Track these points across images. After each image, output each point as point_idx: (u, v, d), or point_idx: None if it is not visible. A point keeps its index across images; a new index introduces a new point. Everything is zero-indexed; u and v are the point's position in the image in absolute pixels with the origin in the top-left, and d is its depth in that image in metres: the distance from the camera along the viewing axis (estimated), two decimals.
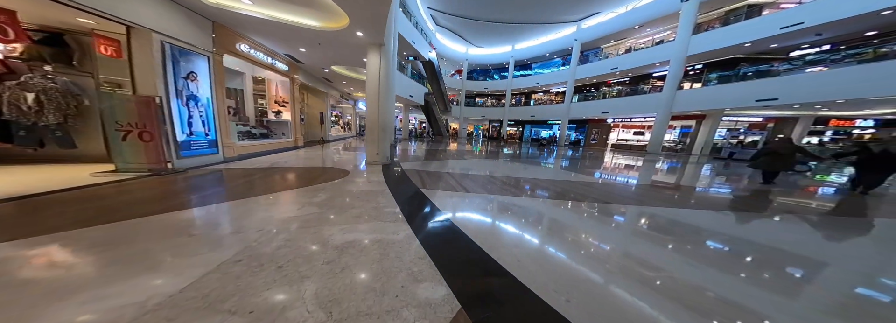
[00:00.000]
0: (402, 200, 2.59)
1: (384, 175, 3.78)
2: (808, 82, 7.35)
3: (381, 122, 4.44)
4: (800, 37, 8.04)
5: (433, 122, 19.59)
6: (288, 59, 6.08)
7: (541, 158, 7.97)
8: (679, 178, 5.10)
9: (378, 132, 4.46)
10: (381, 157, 4.61)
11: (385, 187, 3.07)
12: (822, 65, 7.66)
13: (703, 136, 11.68)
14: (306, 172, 3.89)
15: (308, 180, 3.32)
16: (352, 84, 10.55)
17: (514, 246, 1.73)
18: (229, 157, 4.40)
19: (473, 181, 3.71)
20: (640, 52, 12.74)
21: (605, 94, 15.43)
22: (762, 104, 8.08)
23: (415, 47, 12.55)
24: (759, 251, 1.86)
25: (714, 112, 10.90)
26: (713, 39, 9.61)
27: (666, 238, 2.08)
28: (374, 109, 4.39)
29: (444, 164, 5.40)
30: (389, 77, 4.45)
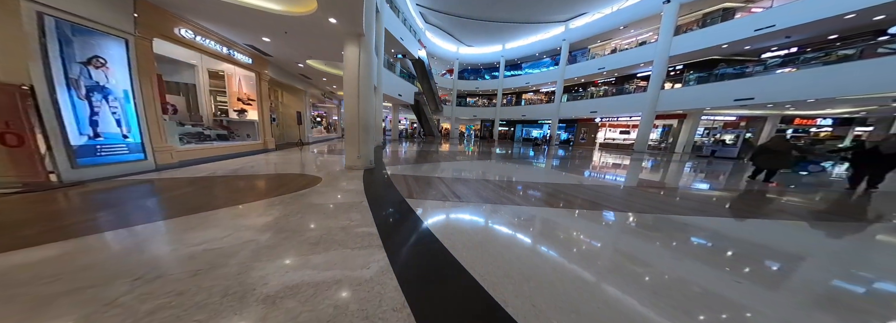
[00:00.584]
0: (381, 216, 2.15)
1: (364, 182, 3.35)
2: (779, 82, 7.72)
3: (362, 121, 4.04)
4: (771, 39, 8.46)
5: (424, 122, 19.26)
6: (252, 50, 5.39)
7: (536, 159, 7.81)
8: (694, 179, 4.89)
9: (358, 133, 4.05)
10: (362, 161, 4.22)
11: (362, 198, 2.64)
12: (791, 66, 8.08)
13: (684, 134, 12.12)
14: (267, 180, 3.30)
15: (264, 192, 2.73)
16: (334, 81, 9.96)
17: (525, 282, 1.28)
18: (165, 164, 3.69)
19: (468, 187, 3.36)
20: (625, 53, 13.04)
21: (593, 94, 15.73)
22: (739, 103, 8.43)
23: (403, 44, 12.20)
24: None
25: (694, 111, 11.32)
26: (693, 40, 9.95)
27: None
28: (354, 107, 4.01)
29: (434, 166, 5.05)
30: (371, 71, 4.13)
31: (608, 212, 2.60)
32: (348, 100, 4.02)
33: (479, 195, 3.04)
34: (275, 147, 6.67)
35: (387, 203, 2.59)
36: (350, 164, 4.27)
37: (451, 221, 2.19)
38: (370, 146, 4.38)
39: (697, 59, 11.26)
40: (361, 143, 4.18)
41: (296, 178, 3.53)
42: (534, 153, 9.53)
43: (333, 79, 9.31)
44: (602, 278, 1.37)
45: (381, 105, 9.65)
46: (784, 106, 8.61)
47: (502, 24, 17.36)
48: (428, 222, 2.11)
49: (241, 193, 2.75)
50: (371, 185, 3.30)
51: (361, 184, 3.32)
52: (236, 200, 2.48)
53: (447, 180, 3.79)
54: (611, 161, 7.70)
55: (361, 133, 4.13)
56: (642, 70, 13.65)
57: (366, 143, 4.24)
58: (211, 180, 3.23)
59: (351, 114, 4.06)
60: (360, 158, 4.21)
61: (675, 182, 4.50)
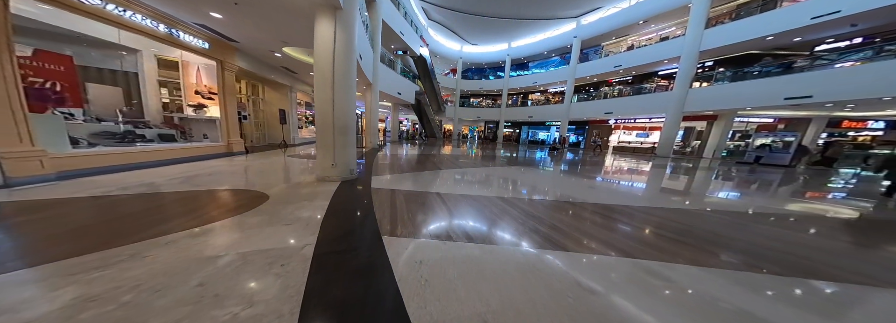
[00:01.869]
0: (324, 285, 1.14)
1: (330, 205, 2.31)
2: (844, 78, 6.52)
3: (339, 120, 3.02)
4: (831, 28, 7.26)
5: (426, 123, 18.29)
6: (208, 33, 4.28)
7: (559, 164, 6.66)
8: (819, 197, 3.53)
9: (333, 135, 3.03)
10: (339, 171, 3.21)
11: (309, 239, 1.59)
12: (856, 59, 6.88)
13: (714, 137, 10.89)
14: (179, 202, 2.22)
15: (134, 228, 1.64)
16: None
17: None
18: (28, 177, 2.48)
19: (481, 210, 2.33)
20: (647, 48, 11.92)
21: (606, 94, 14.60)
22: (791, 102, 7.24)
23: (404, 40, 11.28)
24: None
25: (728, 112, 10.12)
26: (730, 33, 8.81)
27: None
28: (326, 101, 2.94)
29: (434, 176, 4.08)
30: (351, 56, 3.09)
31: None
32: (319, 92, 2.98)
33: (504, 227, 1.94)
34: (246, 149, 5.61)
35: (347, 250, 1.51)
36: (322, 174, 3.24)
37: (460, 296, 1.09)
38: (350, 151, 3.34)
39: (731, 55, 10.10)
40: (338, 148, 3.14)
41: (229, 197, 2.46)
42: (549, 157, 8.38)
43: None
44: None
45: (376, 103, 8.66)
46: (845, 106, 7.38)
47: (509, 21, 16.42)
48: (413, 298, 1.06)
49: (87, 232, 1.60)
50: (338, 210, 2.22)
51: (324, 208, 2.25)
52: (54, 249, 1.37)
53: (450, 199, 2.73)
54: (652, 169, 6.42)
55: (337, 135, 3.09)
56: (665, 67, 12.51)
57: (344, 147, 3.21)
58: (74, 206, 2.03)
59: (323, 110, 3.02)
60: (336, 167, 3.19)
61: (795, 206, 3.07)
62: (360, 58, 6.36)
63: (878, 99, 6.18)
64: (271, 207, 2.19)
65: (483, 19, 16.46)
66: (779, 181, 5.13)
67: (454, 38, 20.59)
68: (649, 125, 15.32)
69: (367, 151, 7.49)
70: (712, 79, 9.82)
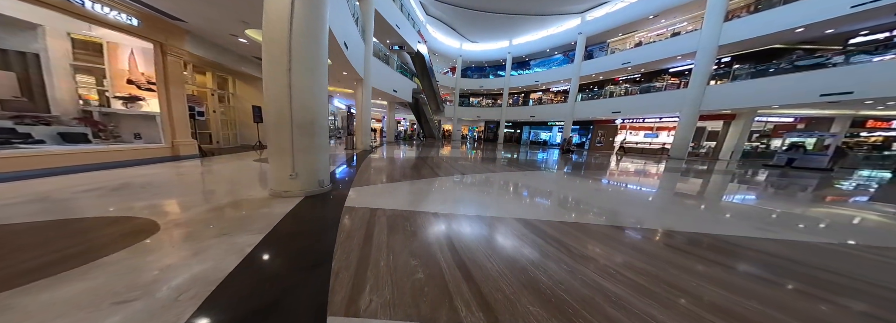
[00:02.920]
0: None
1: (265, 239, 1.50)
2: (890, 72, 5.82)
3: (298, 114, 2.19)
4: (871, 18, 6.58)
5: (424, 123, 17.53)
6: (138, 8, 3.32)
7: (578, 169, 5.80)
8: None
9: (290, 135, 2.19)
10: (301, 183, 2.35)
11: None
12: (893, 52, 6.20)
13: (732, 138, 10.21)
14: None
15: None
16: None
17: None
18: None
19: (502, 245, 1.58)
20: (660, 44, 11.25)
21: (612, 93, 13.92)
22: (829, 99, 6.53)
23: (400, 34, 10.51)
24: None
25: (747, 111, 9.45)
26: (755, 25, 8.12)
27: None
28: (279, 89, 2.11)
29: (430, 186, 3.22)
30: (318, 26, 2.23)
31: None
32: (270, 77, 2.13)
33: (548, 283, 1.16)
34: (203, 152, 4.62)
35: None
36: (277, 187, 2.36)
37: None
38: (319, 157, 2.50)
39: (751, 50, 9.45)
40: (299, 154, 2.31)
41: (85, 230, 1.53)
42: (562, 161, 7.43)
43: None
44: None
45: (368, 100, 7.84)
46: (885, 102, 6.69)
47: (510, 17, 15.75)
48: None
49: None
50: (270, 253, 1.36)
51: (245, 250, 1.36)
52: None
53: (453, 224, 1.91)
54: (692, 175, 5.43)
55: (298, 136, 2.25)
56: (676, 64, 11.86)
57: (309, 152, 2.38)
58: None
59: (274, 102, 2.17)
60: (296, 178, 2.33)
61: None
62: (346, 46, 5.55)
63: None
64: (137, 255, 1.27)
65: (483, 15, 15.77)
66: (877, 191, 4.22)
67: (453, 35, 19.90)
68: (657, 125, 14.68)
69: (358, 154, 6.67)
70: (731, 75, 9.14)
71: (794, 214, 2.68)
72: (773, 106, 7.90)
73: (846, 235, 2.12)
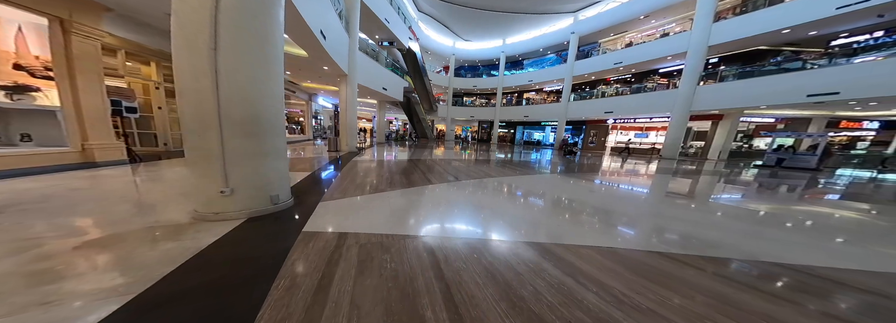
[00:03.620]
0: None
1: (143, 300, 0.93)
2: (874, 73, 5.95)
3: (233, 105, 1.65)
4: (855, 19, 6.75)
5: (416, 122, 17.03)
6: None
7: (586, 171, 5.40)
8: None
9: (219, 137, 1.63)
10: (244, 200, 1.79)
11: None
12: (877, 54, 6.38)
13: (720, 138, 10.40)
14: None
15: None
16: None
17: None
18: None
19: (517, 289, 1.06)
20: (651, 44, 11.32)
21: (603, 93, 13.99)
22: (815, 99, 6.65)
23: (390, 29, 10.00)
24: None
25: (734, 112, 9.62)
26: (743, 26, 8.23)
27: None
28: (198, 70, 1.54)
29: (420, 197, 2.71)
30: (269, 5, 1.78)
31: None
32: (181, 57, 1.56)
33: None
34: (134, 157, 3.84)
35: None
36: (204, 208, 1.75)
37: None
38: (269, 164, 1.91)
39: (738, 51, 9.63)
40: (237, 160, 1.71)
41: None
42: (564, 163, 6.92)
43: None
44: None
45: (354, 98, 7.31)
46: (867, 103, 6.87)
47: (503, 15, 15.52)
48: None
49: None
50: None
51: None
52: None
53: (448, 252, 1.43)
54: (712, 177, 5.15)
55: (230, 138, 1.67)
56: (666, 65, 12.00)
57: (254, 157, 1.80)
58: None
59: (191, 90, 1.59)
60: (231, 195, 1.73)
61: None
62: (323, 36, 5.02)
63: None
64: None
65: (476, 12, 15.46)
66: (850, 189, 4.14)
67: (447, 33, 19.50)
68: (647, 125, 14.90)
69: (342, 156, 6.11)
70: (718, 76, 9.26)
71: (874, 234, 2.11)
72: (762, 106, 8.03)
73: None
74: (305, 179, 3.42)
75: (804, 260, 1.54)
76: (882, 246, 1.91)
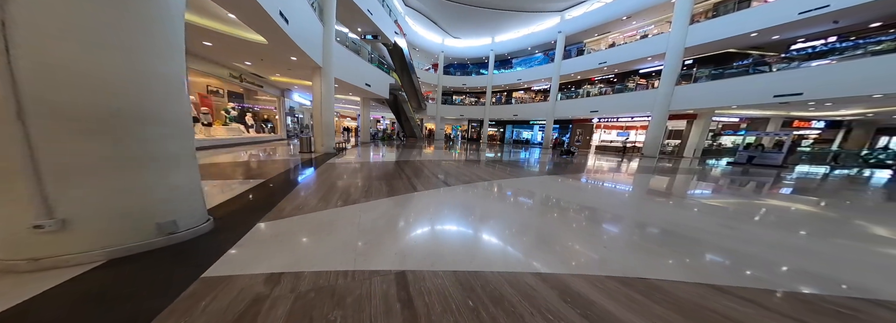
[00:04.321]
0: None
1: None
2: (833, 76, 6.42)
3: (58, 88, 1.06)
4: (813, 25, 7.28)
5: (404, 121, 16.52)
6: None
7: (595, 173, 5.01)
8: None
9: (22, 134, 1.01)
10: (95, 235, 1.19)
11: None
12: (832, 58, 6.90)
13: (694, 136, 10.95)
14: None
15: None
16: (237, 48, 5.69)
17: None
18: None
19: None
20: (633, 45, 11.65)
21: (589, 93, 14.34)
22: (781, 100, 7.08)
23: (373, 21, 9.43)
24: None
25: (707, 111, 10.14)
26: (716, 29, 8.64)
27: None
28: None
29: (398, 209, 2.28)
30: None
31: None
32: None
33: None
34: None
35: None
36: (6, 253, 1.09)
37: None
38: (161, 178, 1.39)
39: (710, 53, 10.13)
40: (76, 171, 1.14)
41: None
42: (564, 164, 6.36)
43: (231, 43, 5.41)
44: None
45: (330, 93, 6.72)
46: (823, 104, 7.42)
47: (492, 13, 15.37)
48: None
49: None
50: None
51: None
52: None
53: (433, 298, 1.00)
54: (718, 178, 4.98)
55: (52, 137, 1.09)
56: (646, 66, 12.44)
57: (121, 168, 1.24)
58: None
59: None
60: (59, 229, 1.10)
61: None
62: (285, 19, 4.46)
63: (868, 96, 6.11)
64: None
65: (465, 9, 15.17)
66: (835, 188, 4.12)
67: (435, 29, 19.04)
68: (627, 124, 15.49)
69: (316, 158, 5.45)
70: (693, 77, 9.71)
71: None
72: (733, 106, 8.47)
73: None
74: (250, 190, 2.71)
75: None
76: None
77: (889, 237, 2.17)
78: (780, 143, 7.48)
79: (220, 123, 8.18)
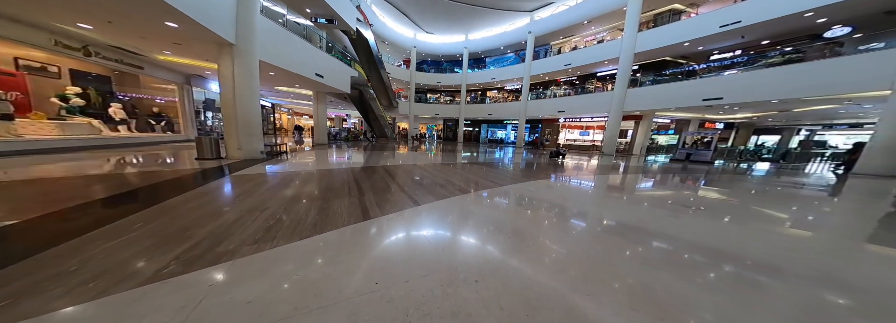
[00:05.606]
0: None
1: None
2: (748, 82, 7.50)
3: None
4: (728, 39, 8.45)
5: (372, 120, 15.33)
6: None
7: (603, 172, 4.85)
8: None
9: None
10: None
11: None
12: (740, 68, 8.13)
13: (640, 136, 12.15)
14: None
15: None
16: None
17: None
18: None
19: None
20: (592, 48, 12.41)
21: (556, 94, 15.06)
22: (707, 103, 8.08)
23: (326, 1, 8.25)
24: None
25: (649, 113, 11.29)
26: (659, 37, 9.55)
27: None
28: None
29: (326, 255, 1.36)
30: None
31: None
32: None
33: None
34: None
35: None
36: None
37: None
38: None
39: (651, 60, 11.25)
40: None
41: None
42: (555, 166, 6.04)
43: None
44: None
45: (250, 80, 5.16)
46: (735, 106, 8.69)
47: (464, 8, 15.06)
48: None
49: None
50: None
51: None
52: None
53: None
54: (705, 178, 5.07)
55: None
56: (603, 69, 13.40)
57: None
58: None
59: None
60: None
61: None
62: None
63: (768, 101, 7.22)
64: None
65: (436, 1, 14.55)
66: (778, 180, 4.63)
67: (407, 23, 18.06)
68: (587, 124, 16.73)
69: (217, 168, 3.98)
70: (638, 82, 10.71)
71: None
72: (671, 108, 9.46)
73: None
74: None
75: None
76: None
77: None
78: (705, 141, 8.61)
79: (41, 117, 5.65)
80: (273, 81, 9.22)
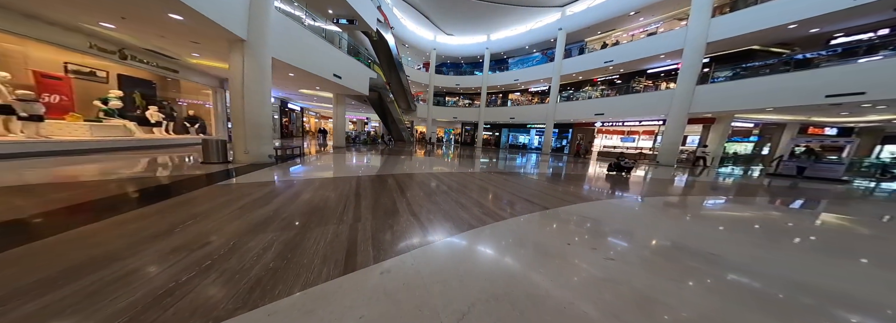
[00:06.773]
0: None
1: None
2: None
3: None
4: (866, 13, 6.15)
5: (390, 123, 14.74)
6: None
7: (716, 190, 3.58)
8: None
9: None
10: None
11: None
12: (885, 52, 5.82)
13: (713, 143, 9.83)
14: None
15: None
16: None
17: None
18: None
19: None
20: (644, 41, 10.56)
21: (590, 95, 13.19)
22: (835, 100, 5.91)
23: (349, 2, 7.77)
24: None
25: (726, 115, 9.05)
26: (748, 20, 7.50)
27: None
28: None
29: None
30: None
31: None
32: None
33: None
34: None
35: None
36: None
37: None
38: None
39: (728, 51, 9.11)
40: None
41: None
42: (624, 183, 4.50)
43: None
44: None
45: (261, 77, 4.48)
46: (876, 106, 6.31)
47: (488, 7, 14.12)
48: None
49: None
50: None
51: None
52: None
53: None
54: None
55: None
56: (656, 65, 11.39)
57: None
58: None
59: None
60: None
61: None
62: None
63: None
64: None
65: (459, 2, 13.84)
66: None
67: (427, 25, 17.63)
68: (630, 129, 14.45)
69: (223, 173, 3.57)
70: (710, 77, 8.62)
71: None
72: (766, 108, 7.29)
73: None
74: None
75: None
76: None
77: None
78: (814, 151, 6.17)
79: (77, 118, 5.70)
80: (295, 83, 8.93)
